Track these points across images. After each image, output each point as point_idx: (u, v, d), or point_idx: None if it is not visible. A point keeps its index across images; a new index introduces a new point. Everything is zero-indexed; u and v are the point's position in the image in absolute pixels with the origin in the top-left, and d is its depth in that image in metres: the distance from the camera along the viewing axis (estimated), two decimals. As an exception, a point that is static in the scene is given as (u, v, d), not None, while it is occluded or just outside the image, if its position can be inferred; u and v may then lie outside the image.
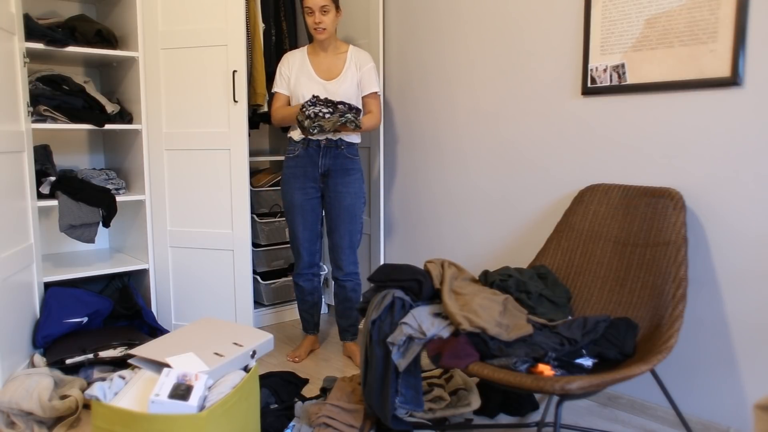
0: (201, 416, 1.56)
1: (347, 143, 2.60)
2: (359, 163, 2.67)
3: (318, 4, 2.47)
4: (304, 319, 2.86)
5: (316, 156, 2.59)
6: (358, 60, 2.63)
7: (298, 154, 2.61)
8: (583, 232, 2.16)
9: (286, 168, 2.66)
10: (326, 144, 2.57)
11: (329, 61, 2.62)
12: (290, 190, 2.65)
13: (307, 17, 2.52)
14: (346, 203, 2.62)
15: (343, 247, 2.66)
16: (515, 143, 2.53)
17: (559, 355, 1.70)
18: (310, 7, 2.48)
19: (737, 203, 1.91)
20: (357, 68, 2.62)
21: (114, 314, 2.66)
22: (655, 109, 2.07)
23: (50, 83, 2.66)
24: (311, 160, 2.60)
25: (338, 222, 2.64)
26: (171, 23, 2.73)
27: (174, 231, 2.86)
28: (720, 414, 2.00)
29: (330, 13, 2.50)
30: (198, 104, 2.75)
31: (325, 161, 2.60)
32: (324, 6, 2.48)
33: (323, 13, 2.49)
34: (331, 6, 2.50)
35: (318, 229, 2.73)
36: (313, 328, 2.86)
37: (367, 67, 2.62)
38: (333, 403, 2.05)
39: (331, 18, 2.51)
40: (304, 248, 2.70)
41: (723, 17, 1.87)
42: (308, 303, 2.81)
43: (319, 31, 2.52)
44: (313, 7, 2.48)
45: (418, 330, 1.79)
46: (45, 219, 3.02)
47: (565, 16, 2.31)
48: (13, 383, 2.04)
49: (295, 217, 2.67)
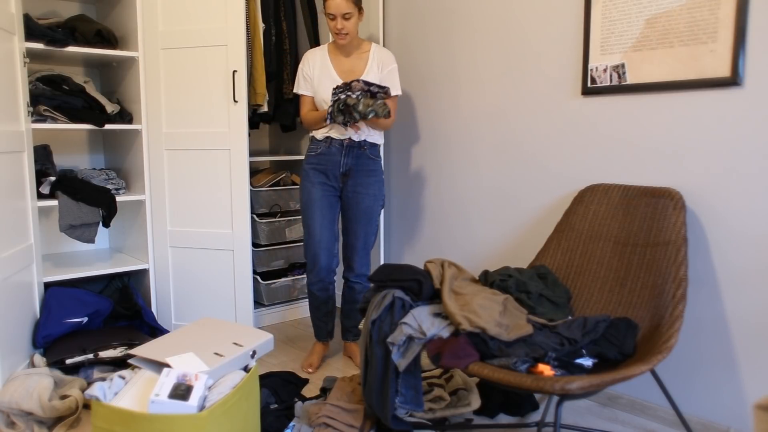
0: (201, 416, 1.56)
1: (370, 144, 2.54)
2: (381, 165, 2.60)
3: (341, 10, 2.38)
4: (317, 326, 2.72)
5: (339, 155, 2.52)
6: (381, 60, 2.55)
7: (320, 152, 2.53)
8: (583, 232, 2.16)
9: (307, 164, 2.57)
10: (349, 143, 2.51)
11: (351, 62, 2.54)
12: (310, 185, 2.55)
13: (329, 22, 2.44)
14: (365, 205, 2.56)
15: (358, 248, 2.60)
16: (515, 143, 2.53)
17: (559, 355, 1.70)
18: (333, 13, 2.40)
19: (737, 203, 1.91)
20: (379, 68, 2.54)
21: (114, 314, 2.66)
22: (655, 109, 2.07)
23: (50, 83, 2.66)
24: (333, 158, 2.52)
25: (354, 223, 2.58)
26: (171, 23, 2.73)
27: (174, 231, 2.86)
28: (720, 414, 2.00)
29: (353, 18, 2.42)
30: (198, 104, 2.75)
31: (348, 161, 2.52)
32: (347, 13, 2.39)
33: (346, 19, 2.40)
34: (354, 10, 2.41)
35: (336, 231, 2.62)
36: (326, 335, 2.73)
37: (390, 68, 2.55)
38: (333, 403, 2.05)
39: (353, 23, 2.43)
40: (322, 249, 2.56)
41: (723, 17, 1.87)
42: (323, 311, 2.67)
43: (341, 36, 2.44)
44: (335, 14, 2.39)
45: (418, 330, 1.79)
46: (45, 219, 3.02)
47: (565, 16, 2.31)
48: (13, 383, 2.04)
49: (314, 213, 2.54)
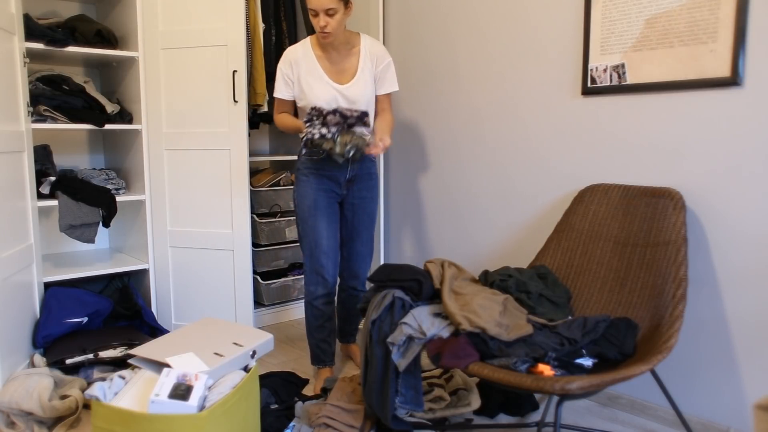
0: (201, 416, 1.56)
1: None
2: (377, 167, 2.54)
3: (323, 5, 2.15)
4: (321, 350, 2.44)
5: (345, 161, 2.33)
6: (374, 54, 2.34)
7: (324, 157, 2.30)
8: (583, 232, 2.16)
9: (307, 168, 2.34)
10: None
11: (341, 60, 2.32)
12: (312, 192, 2.33)
13: (312, 19, 2.22)
14: (370, 209, 2.45)
15: (365, 255, 2.49)
16: (515, 143, 2.53)
17: (559, 355, 1.70)
18: (314, 9, 2.18)
19: (737, 203, 1.91)
20: (373, 64, 2.34)
21: (114, 314, 2.66)
22: (655, 109, 2.07)
23: (50, 83, 2.66)
24: (338, 163, 2.32)
25: (362, 229, 2.45)
26: (171, 23, 2.73)
27: (174, 231, 2.86)
28: (720, 414, 2.00)
29: (337, 14, 2.18)
30: (198, 104, 2.75)
31: (354, 166, 2.36)
32: (330, 9, 2.16)
33: (329, 15, 2.18)
34: (339, 5, 2.18)
35: (339, 240, 2.43)
36: (331, 358, 2.47)
37: (385, 63, 2.35)
38: (333, 403, 2.05)
39: (338, 19, 2.19)
40: (330, 260, 2.34)
41: (723, 17, 1.87)
42: (327, 330, 2.42)
43: (325, 35, 2.22)
44: (317, 10, 2.17)
45: (418, 330, 1.79)
46: (45, 219, 3.02)
47: (565, 16, 2.31)
48: (13, 383, 2.04)
49: (319, 222, 2.32)
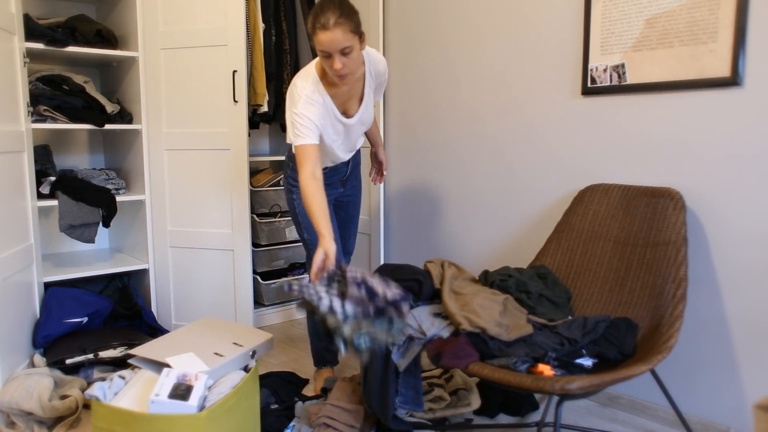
0: (201, 416, 1.56)
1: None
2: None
3: (336, 45, 1.76)
4: (327, 350, 2.40)
5: (345, 167, 2.28)
6: (375, 70, 2.11)
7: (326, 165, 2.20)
8: (583, 232, 2.16)
9: None
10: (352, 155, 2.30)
11: (349, 89, 2.05)
12: None
13: (323, 61, 1.84)
14: (358, 205, 2.42)
15: (350, 250, 2.45)
16: (515, 143, 2.53)
17: (559, 355, 1.70)
18: (326, 51, 1.79)
19: (737, 203, 1.91)
20: (374, 81, 2.13)
21: (114, 314, 2.66)
22: (655, 109, 2.07)
23: (50, 83, 2.66)
24: (339, 169, 2.26)
25: (351, 224, 2.41)
26: (171, 23, 2.73)
27: (174, 231, 2.86)
28: (720, 414, 2.00)
29: (353, 51, 1.81)
30: (198, 104, 2.75)
31: (349, 168, 2.31)
32: (345, 48, 1.78)
33: (345, 54, 1.80)
34: (354, 41, 1.80)
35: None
36: (334, 358, 2.44)
37: (383, 78, 2.17)
38: (333, 403, 2.05)
39: (354, 57, 1.84)
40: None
41: (723, 17, 1.87)
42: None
43: (342, 78, 1.86)
44: (329, 51, 1.78)
45: (418, 330, 1.79)
46: (45, 219, 3.02)
47: (565, 16, 2.31)
48: (13, 383, 2.04)
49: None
